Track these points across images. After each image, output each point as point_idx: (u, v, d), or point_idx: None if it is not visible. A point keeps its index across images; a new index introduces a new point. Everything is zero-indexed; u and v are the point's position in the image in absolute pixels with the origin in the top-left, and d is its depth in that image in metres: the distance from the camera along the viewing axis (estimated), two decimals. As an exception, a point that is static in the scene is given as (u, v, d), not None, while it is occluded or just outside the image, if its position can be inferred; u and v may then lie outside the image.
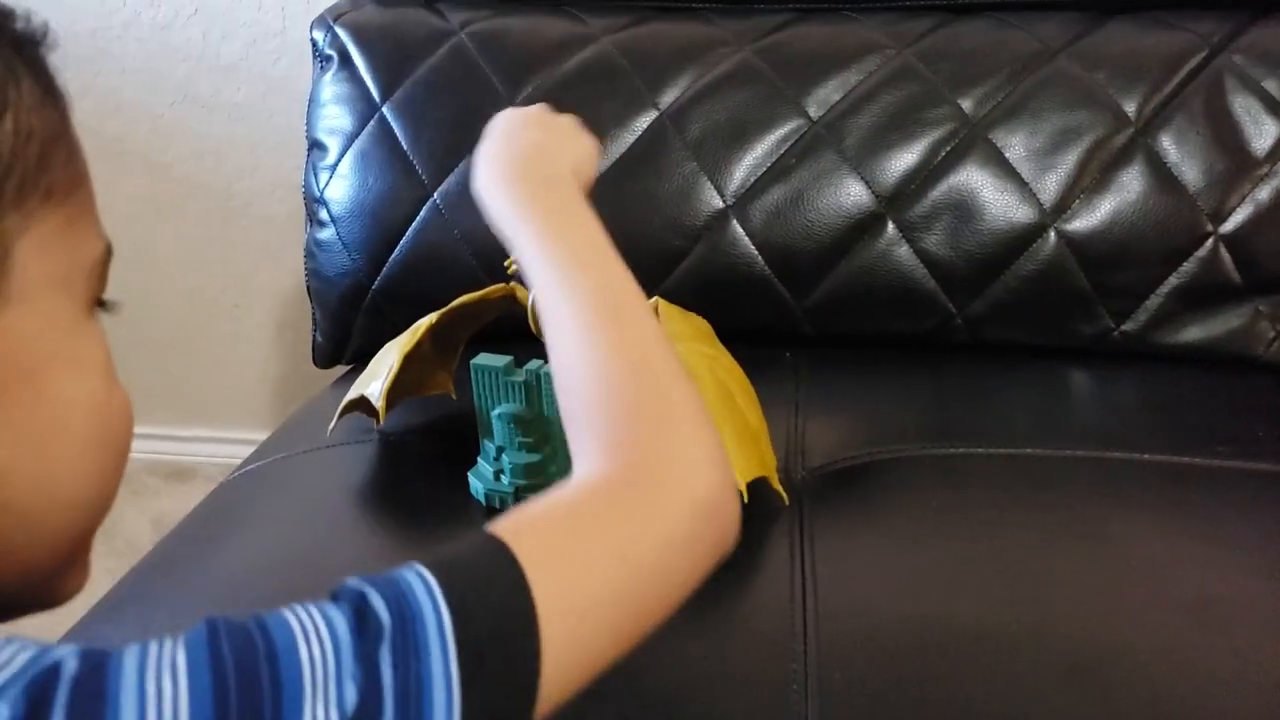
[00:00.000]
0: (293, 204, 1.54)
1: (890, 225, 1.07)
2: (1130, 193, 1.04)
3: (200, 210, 1.60)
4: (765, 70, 1.12)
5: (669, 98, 1.12)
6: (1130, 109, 1.05)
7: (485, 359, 0.79)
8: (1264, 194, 1.03)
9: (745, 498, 0.72)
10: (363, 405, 0.89)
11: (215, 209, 1.59)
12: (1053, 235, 1.05)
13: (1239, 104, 1.04)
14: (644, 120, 1.11)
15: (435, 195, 1.13)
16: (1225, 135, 1.04)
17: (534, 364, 0.77)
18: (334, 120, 1.19)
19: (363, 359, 0.98)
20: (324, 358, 1.26)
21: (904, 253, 1.07)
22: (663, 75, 1.13)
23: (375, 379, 0.87)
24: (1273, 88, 1.04)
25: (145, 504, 1.65)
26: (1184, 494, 0.80)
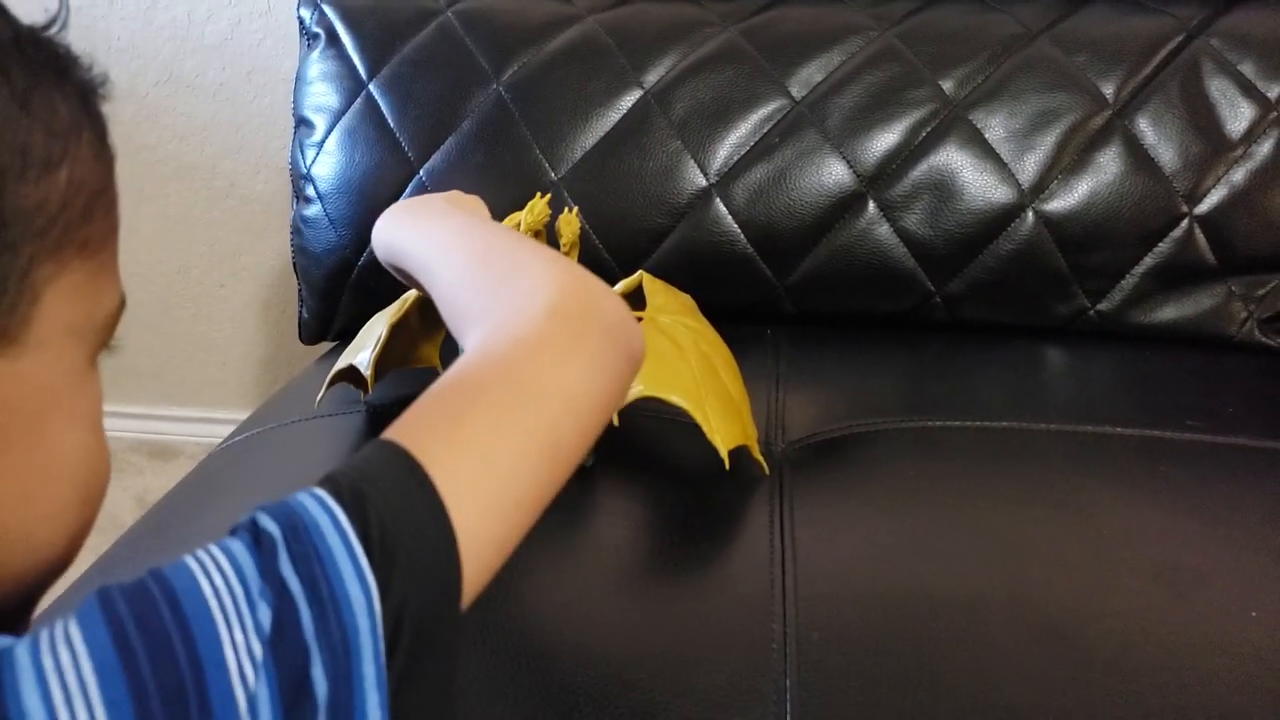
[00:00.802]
0: (277, 184, 1.55)
1: (871, 205, 1.08)
2: (1107, 174, 1.05)
3: (185, 190, 1.60)
4: (749, 50, 1.13)
5: (653, 77, 1.13)
6: (1108, 91, 1.07)
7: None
8: (1238, 176, 1.05)
9: (727, 464, 0.73)
10: (350, 375, 0.89)
11: (200, 189, 1.59)
12: (1030, 215, 1.06)
13: (1215, 87, 1.06)
14: (629, 99, 1.12)
15: (421, 172, 1.14)
16: (1201, 118, 1.05)
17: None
18: (321, 98, 1.19)
19: (348, 335, 0.98)
20: (310, 334, 1.26)
21: (884, 232, 1.08)
22: (647, 55, 1.14)
23: (363, 349, 0.87)
24: (1249, 71, 1.05)
25: (129, 481, 1.65)
26: (1155, 466, 0.81)
